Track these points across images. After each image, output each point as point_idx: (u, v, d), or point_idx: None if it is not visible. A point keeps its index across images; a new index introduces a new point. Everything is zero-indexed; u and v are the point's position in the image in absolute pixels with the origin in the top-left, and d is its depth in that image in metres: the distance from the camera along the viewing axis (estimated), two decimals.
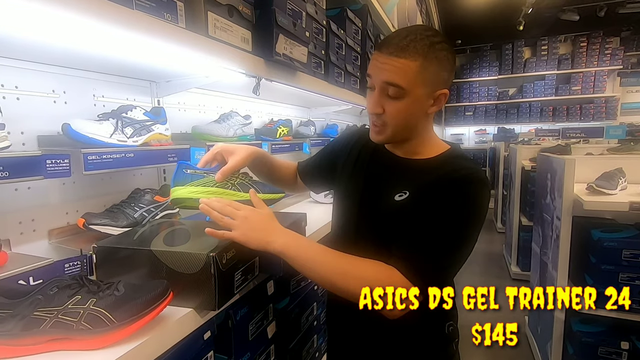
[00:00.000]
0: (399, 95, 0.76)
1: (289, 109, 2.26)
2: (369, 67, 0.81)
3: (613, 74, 7.00)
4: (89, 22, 0.59)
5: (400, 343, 0.88)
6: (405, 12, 3.41)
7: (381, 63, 0.77)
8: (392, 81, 0.76)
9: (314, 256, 0.77)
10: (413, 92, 0.76)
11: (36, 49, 0.83)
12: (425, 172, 0.81)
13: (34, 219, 0.93)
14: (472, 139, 8.41)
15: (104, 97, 1.11)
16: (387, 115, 0.79)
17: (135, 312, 0.63)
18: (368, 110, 0.82)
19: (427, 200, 0.77)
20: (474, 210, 0.77)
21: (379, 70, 0.77)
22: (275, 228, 0.79)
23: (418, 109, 0.80)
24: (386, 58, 0.76)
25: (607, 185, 1.79)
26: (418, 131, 0.84)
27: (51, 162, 0.75)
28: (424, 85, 0.77)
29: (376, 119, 0.81)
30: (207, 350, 0.84)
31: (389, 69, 0.75)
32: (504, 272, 3.84)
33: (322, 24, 1.53)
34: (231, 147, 0.91)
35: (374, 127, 0.83)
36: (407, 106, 0.78)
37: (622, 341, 1.75)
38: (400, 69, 0.75)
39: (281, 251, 0.76)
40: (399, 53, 0.74)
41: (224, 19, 0.91)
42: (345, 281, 0.75)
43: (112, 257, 0.78)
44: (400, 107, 0.78)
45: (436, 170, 0.80)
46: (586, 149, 3.42)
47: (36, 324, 0.60)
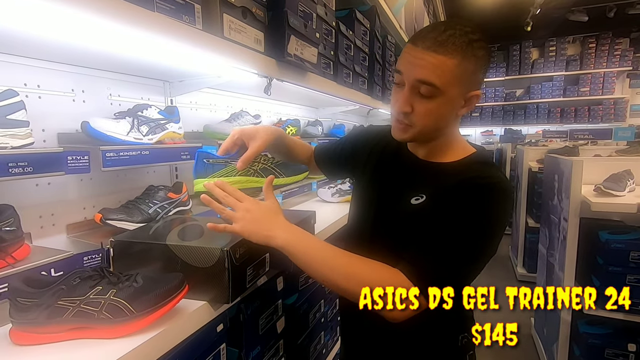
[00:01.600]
0: (432, 95, 0.71)
1: (297, 109, 2.29)
2: (399, 62, 0.75)
3: (622, 75, 6.93)
4: (113, 24, 0.62)
5: (412, 355, 0.86)
6: (413, 13, 3.42)
7: (416, 58, 0.70)
8: (426, 79, 0.70)
9: (316, 253, 0.74)
10: (447, 92, 0.71)
11: (58, 50, 0.86)
12: (446, 176, 0.77)
13: (53, 214, 0.96)
14: (479, 140, 8.36)
15: (120, 96, 1.14)
16: (416, 115, 0.74)
17: (153, 303, 0.66)
18: (395, 108, 0.76)
19: (445, 204, 0.72)
20: (493, 220, 0.72)
21: (412, 66, 0.71)
22: (278, 222, 0.75)
23: (449, 111, 0.75)
24: (422, 53, 0.69)
25: (615, 187, 1.78)
26: (444, 133, 0.80)
27: (72, 159, 0.78)
28: (459, 85, 0.71)
29: (403, 118, 0.75)
30: (220, 342, 0.86)
31: (424, 65, 0.69)
32: (509, 273, 3.83)
33: (331, 25, 1.54)
34: (251, 131, 0.87)
35: (398, 124, 0.77)
36: (438, 107, 0.72)
37: (629, 343, 1.74)
38: (437, 67, 0.69)
39: (282, 246, 0.73)
40: (436, 48, 0.68)
41: (238, 21, 0.93)
42: (346, 281, 0.71)
43: (128, 250, 0.81)
44: (431, 107, 0.72)
45: (458, 175, 0.75)
46: (594, 150, 3.40)
47: (60, 313, 0.63)
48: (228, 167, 0.85)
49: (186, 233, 0.86)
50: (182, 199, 1.18)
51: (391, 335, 0.83)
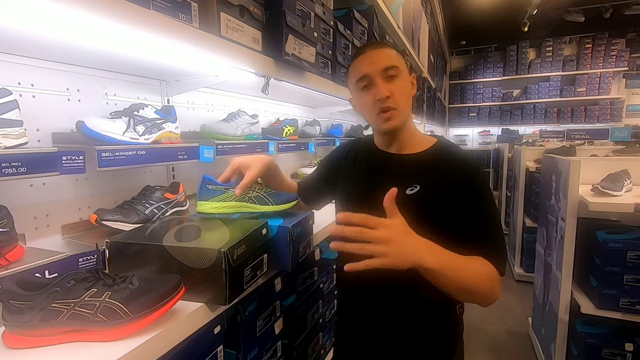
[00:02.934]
0: (397, 74, 0.89)
1: (295, 108, 2.28)
2: (359, 71, 0.90)
3: (618, 75, 6.97)
4: (108, 22, 0.61)
5: (419, 327, 0.94)
6: (411, 13, 3.42)
7: (373, 57, 0.89)
8: (390, 64, 0.88)
9: (461, 266, 0.75)
10: (403, 72, 0.90)
11: (52, 48, 0.85)
12: (432, 165, 0.89)
13: (48, 214, 0.95)
14: (476, 140, 8.39)
15: (116, 95, 1.13)
16: (395, 96, 0.88)
17: (149, 305, 0.65)
18: (378, 98, 0.88)
19: (459, 196, 0.83)
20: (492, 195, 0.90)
21: (375, 63, 0.88)
22: (419, 242, 0.73)
23: (409, 89, 0.93)
24: (374, 52, 0.89)
25: (612, 187, 1.79)
26: (409, 121, 0.95)
27: (67, 159, 0.77)
28: (404, 67, 0.91)
29: (388, 102, 0.88)
30: (217, 344, 0.85)
31: (383, 57, 0.88)
32: (507, 273, 3.83)
33: (329, 24, 1.54)
34: (247, 161, 0.97)
35: (384, 114, 0.89)
36: (404, 84, 0.90)
37: (627, 342, 1.75)
38: (390, 54, 0.89)
39: (433, 268, 0.70)
40: (381, 46, 0.90)
41: (235, 20, 0.92)
42: (478, 284, 0.78)
43: (124, 252, 0.80)
44: (401, 85, 0.89)
45: (442, 163, 0.88)
46: (591, 150, 3.41)
47: (54, 316, 0.62)
48: (226, 193, 0.95)
49: (183, 234, 0.85)
50: (179, 199, 1.17)
51: (397, 310, 0.93)
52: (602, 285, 1.71)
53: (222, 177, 0.97)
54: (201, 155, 1.13)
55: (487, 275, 0.78)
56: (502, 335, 2.72)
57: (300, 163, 2.37)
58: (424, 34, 4.42)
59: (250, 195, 0.97)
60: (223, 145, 1.20)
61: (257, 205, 0.98)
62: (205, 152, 1.15)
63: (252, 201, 0.98)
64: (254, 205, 0.98)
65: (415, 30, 3.73)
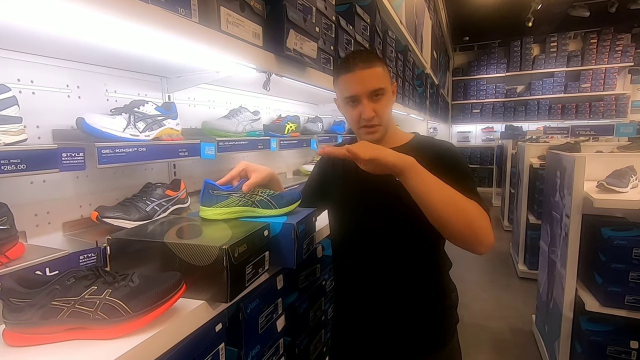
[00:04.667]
0: (382, 94, 0.97)
1: (297, 105, 2.27)
2: (349, 90, 0.97)
3: (624, 71, 6.90)
4: (105, 16, 0.60)
5: (419, 312, 1.00)
6: (414, 8, 3.39)
7: (362, 78, 0.95)
8: (377, 87, 0.95)
9: (436, 178, 0.83)
10: (387, 89, 0.98)
11: (51, 44, 0.84)
12: (412, 154, 0.93)
13: (49, 212, 0.95)
14: (479, 137, 8.34)
15: (116, 92, 1.12)
16: (379, 115, 0.97)
17: (150, 303, 0.64)
18: (363, 117, 0.97)
19: (442, 168, 0.89)
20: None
21: (363, 84, 0.95)
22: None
23: (391, 101, 1.02)
24: (363, 72, 0.95)
25: (618, 183, 1.76)
26: (389, 122, 1.04)
27: (67, 156, 0.76)
28: (389, 81, 1.00)
29: (373, 121, 0.97)
30: (219, 342, 0.85)
31: (371, 79, 0.95)
32: (511, 270, 3.82)
33: (331, 19, 1.52)
34: (254, 165, 1.02)
35: (368, 129, 0.99)
36: (387, 101, 0.99)
37: (632, 340, 1.73)
38: (378, 75, 0.96)
39: (415, 166, 0.82)
40: (369, 65, 0.95)
41: (236, 14, 0.91)
42: (463, 201, 0.83)
43: (126, 249, 0.79)
44: (384, 103, 0.98)
45: (422, 150, 0.96)
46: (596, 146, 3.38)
47: (54, 313, 0.61)
48: (230, 198, 0.95)
49: (184, 231, 0.84)
50: (181, 197, 1.16)
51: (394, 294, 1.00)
52: (607, 283, 1.70)
53: (228, 176, 0.98)
54: (202, 152, 1.12)
55: (471, 202, 0.84)
56: (505, 333, 2.71)
57: (302, 160, 2.36)
58: (427, 30, 4.39)
59: (254, 200, 0.97)
60: (224, 142, 1.19)
61: (261, 209, 0.98)
62: (207, 149, 1.14)
63: (256, 205, 0.97)
64: (258, 209, 0.97)
65: (418, 26, 3.70)
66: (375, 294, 1.02)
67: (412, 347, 1.01)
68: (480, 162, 7.97)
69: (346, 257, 1.09)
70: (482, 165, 7.93)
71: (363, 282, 1.04)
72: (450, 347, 1.04)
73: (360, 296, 1.06)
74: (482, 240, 0.84)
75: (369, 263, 1.02)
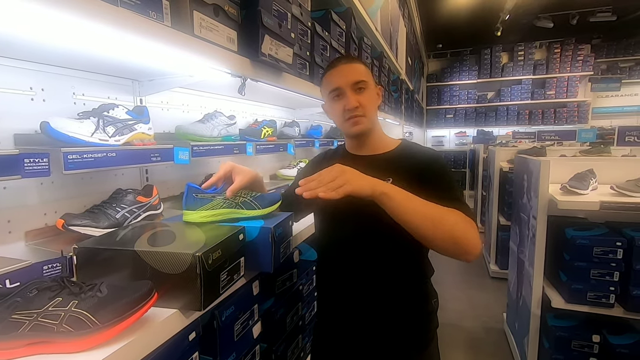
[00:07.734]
0: (365, 87, 1.01)
1: (274, 109, 2.26)
2: (332, 83, 1.02)
3: (585, 79, 7.32)
4: (72, 18, 0.58)
5: (399, 318, 1.01)
6: (389, 16, 3.47)
7: (345, 71, 1.01)
8: (359, 79, 1.00)
9: (412, 197, 0.84)
10: (370, 84, 1.03)
11: (13, 45, 0.81)
12: (400, 161, 1.01)
13: (9, 220, 0.90)
14: (453, 141, 8.60)
15: (84, 95, 1.08)
16: (363, 106, 1.00)
17: (119, 314, 0.62)
18: (347, 108, 1.00)
19: (428, 177, 0.94)
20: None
21: (346, 77, 1.00)
22: (369, 177, 0.85)
23: (375, 100, 1.05)
24: (346, 67, 1.01)
25: (579, 186, 1.87)
26: (376, 124, 1.07)
27: (29, 161, 0.73)
28: (371, 80, 1.04)
29: (356, 111, 1.00)
30: (192, 351, 0.83)
31: (353, 72, 1.01)
32: (483, 270, 3.94)
33: (307, 25, 1.54)
34: (239, 167, 1.02)
35: (353, 119, 1.01)
36: (370, 95, 1.03)
37: (594, 335, 1.83)
38: (359, 69, 1.02)
39: (388, 192, 0.82)
40: (351, 61, 1.03)
41: (209, 19, 0.90)
42: (442, 213, 0.84)
43: (93, 258, 0.76)
44: (367, 96, 1.02)
45: (408, 158, 1.01)
46: (560, 150, 3.56)
47: (14, 328, 0.58)
48: (214, 200, 0.95)
49: (157, 238, 0.82)
50: (153, 203, 1.13)
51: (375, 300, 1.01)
52: (571, 280, 1.79)
53: (215, 178, 0.99)
54: (176, 157, 1.10)
55: (452, 214, 0.85)
56: (478, 332, 2.79)
57: (280, 164, 2.35)
58: (402, 37, 4.50)
59: (238, 202, 0.98)
60: (199, 147, 1.18)
61: (245, 210, 0.98)
62: (180, 154, 1.12)
63: (240, 207, 0.98)
64: (242, 210, 0.98)
65: (393, 33, 3.79)
66: (357, 299, 1.03)
67: (392, 350, 1.01)
68: (454, 166, 8.21)
69: (330, 263, 1.10)
70: (455, 168, 8.17)
71: (346, 287, 1.05)
72: (429, 351, 1.05)
73: (343, 301, 1.06)
74: (467, 250, 0.84)
75: (352, 269, 1.03)
